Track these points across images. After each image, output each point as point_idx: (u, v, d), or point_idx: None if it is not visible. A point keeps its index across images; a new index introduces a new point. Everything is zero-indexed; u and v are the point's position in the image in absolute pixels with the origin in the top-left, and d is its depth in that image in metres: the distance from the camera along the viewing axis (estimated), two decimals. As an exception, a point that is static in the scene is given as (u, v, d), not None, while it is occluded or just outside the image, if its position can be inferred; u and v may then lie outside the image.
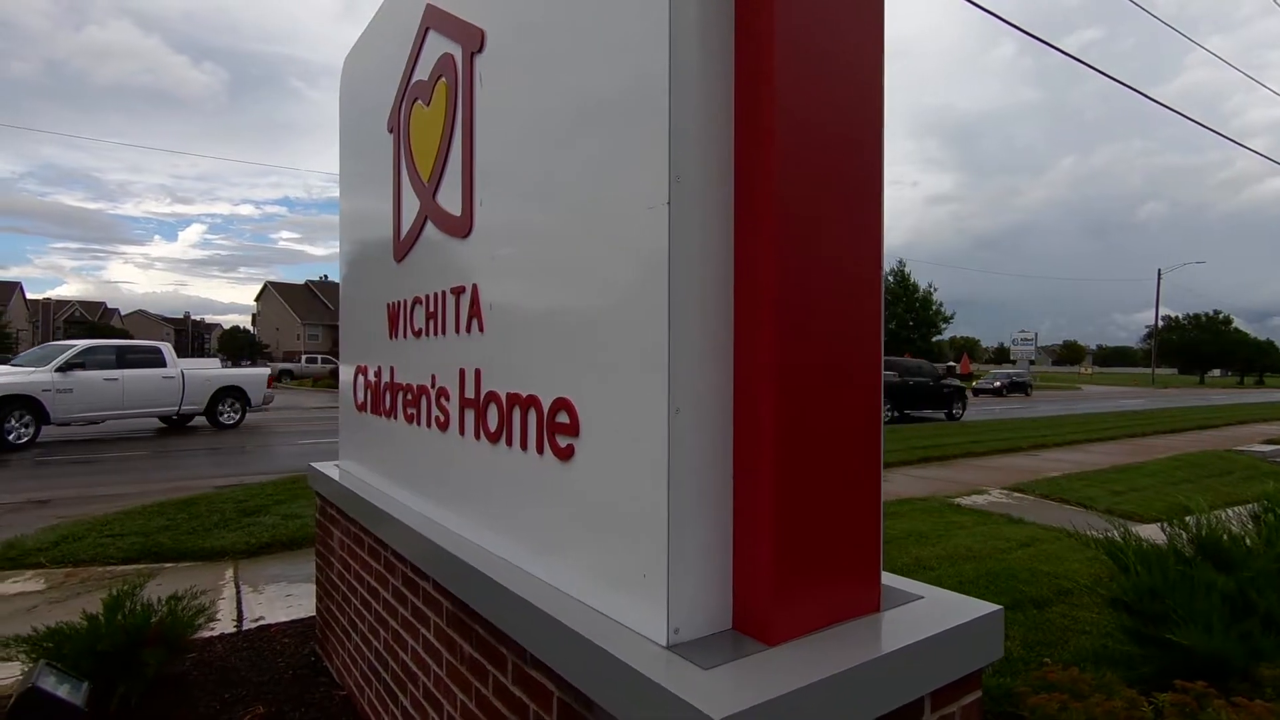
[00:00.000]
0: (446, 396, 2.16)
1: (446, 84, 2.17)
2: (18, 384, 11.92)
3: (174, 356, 14.78)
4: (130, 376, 13.49)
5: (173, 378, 14.32)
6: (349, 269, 3.24)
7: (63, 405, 12.47)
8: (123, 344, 14.46)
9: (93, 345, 13.54)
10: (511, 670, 1.64)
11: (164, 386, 14.23)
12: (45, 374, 12.36)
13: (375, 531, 2.55)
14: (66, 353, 13.01)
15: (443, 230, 2.21)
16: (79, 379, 12.74)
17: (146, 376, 13.80)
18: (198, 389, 14.78)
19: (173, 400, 14.43)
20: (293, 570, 5.21)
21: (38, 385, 12.18)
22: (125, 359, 13.77)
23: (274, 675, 3.28)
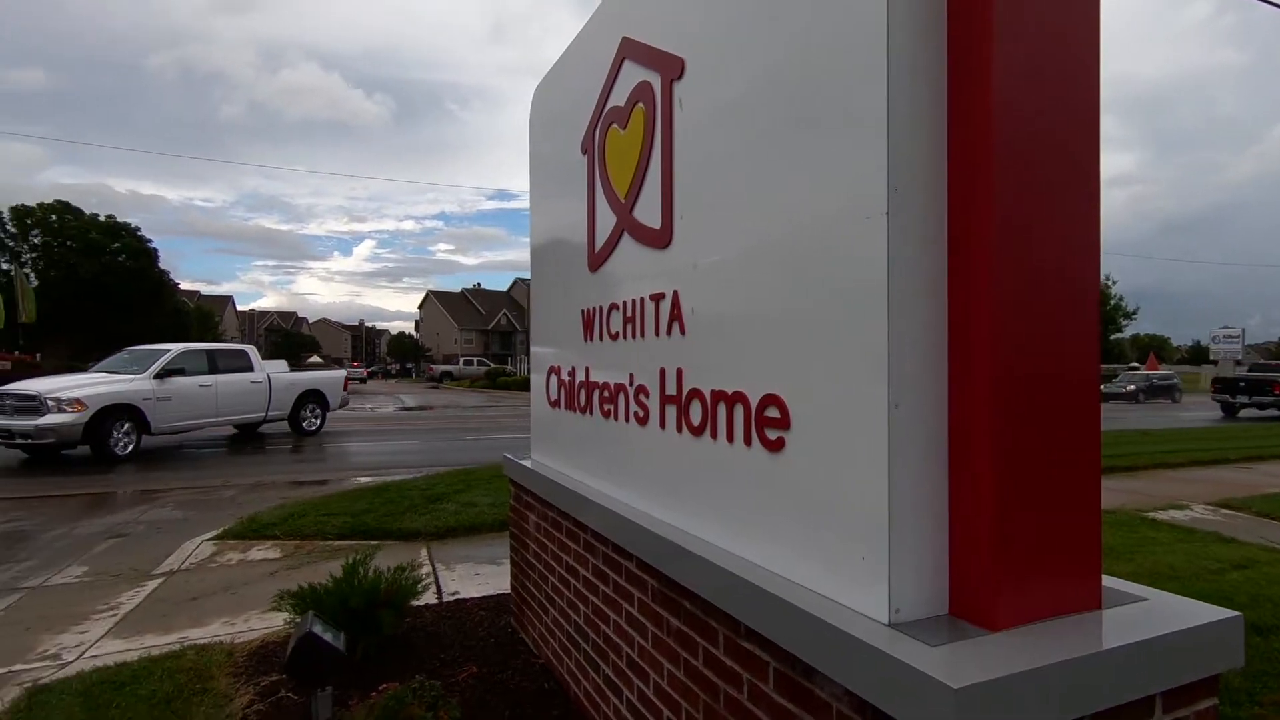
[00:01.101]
0: (646, 394, 2.37)
1: (644, 109, 2.38)
2: (120, 393, 11.14)
3: (260, 360, 14.00)
4: (223, 382, 12.74)
5: (260, 382, 13.55)
6: (541, 279, 3.58)
7: (162, 414, 11.67)
8: (213, 348, 13.47)
9: (186, 349, 12.64)
10: (723, 642, 1.79)
11: (253, 392, 13.42)
12: (145, 381, 11.52)
13: (574, 515, 2.82)
14: (163, 358, 12.06)
15: (640, 242, 2.43)
16: (176, 386, 11.93)
17: (237, 381, 13.05)
18: (283, 393, 14.02)
19: (261, 406, 13.60)
20: (476, 552, 5.74)
21: (139, 394, 11.33)
22: (216, 364, 12.92)
23: (477, 642, 3.69)
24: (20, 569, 5.47)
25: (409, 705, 2.23)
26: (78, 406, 10.53)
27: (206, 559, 5.68)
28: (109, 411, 10.83)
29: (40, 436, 10.31)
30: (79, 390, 10.70)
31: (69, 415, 10.44)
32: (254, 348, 14.27)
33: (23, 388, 10.91)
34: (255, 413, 13.50)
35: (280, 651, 3.65)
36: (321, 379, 15.33)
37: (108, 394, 10.95)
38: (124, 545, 6.20)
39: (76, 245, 40.30)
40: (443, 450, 13.27)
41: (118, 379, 11.48)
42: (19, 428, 10.35)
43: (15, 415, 10.53)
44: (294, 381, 14.35)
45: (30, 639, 4.08)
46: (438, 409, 25.32)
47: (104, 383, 11.22)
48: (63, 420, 10.36)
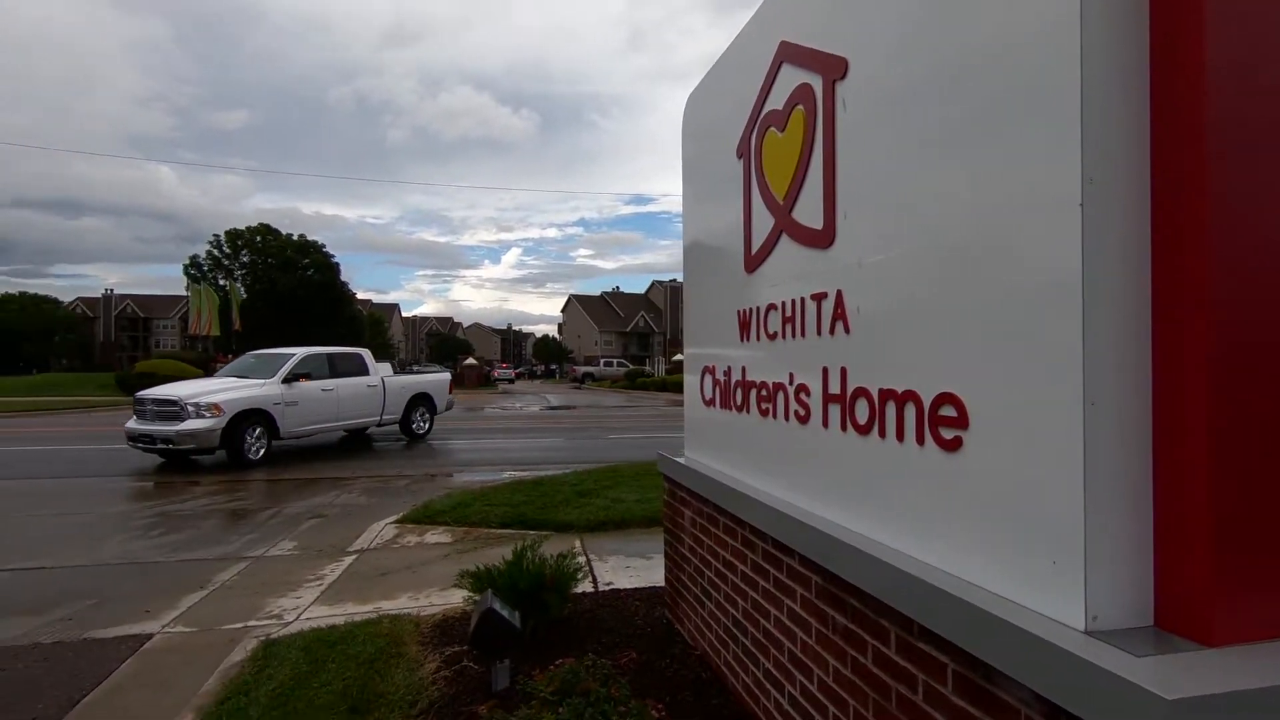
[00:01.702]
0: (807, 393, 2.39)
1: (804, 110, 2.41)
2: (254, 397, 11.07)
3: (374, 363, 13.70)
4: (343, 386, 12.58)
5: (375, 386, 13.28)
6: (695, 282, 3.68)
7: (290, 419, 11.57)
8: (332, 351, 13.15)
9: (310, 354, 12.46)
10: (895, 641, 1.79)
11: (369, 395, 13.16)
12: (275, 386, 11.45)
13: (731, 511, 2.89)
14: (289, 362, 11.93)
15: (799, 242, 2.45)
16: (302, 390, 11.80)
17: (354, 385, 12.83)
18: (395, 397, 13.74)
19: (375, 410, 13.34)
20: (626, 546, 5.96)
21: (269, 398, 11.26)
22: (336, 367, 12.71)
23: (635, 630, 3.86)
24: (245, 541, 6.40)
25: (584, 679, 2.40)
26: (215, 411, 10.45)
27: (390, 540, 6.33)
28: (243, 416, 10.76)
29: (181, 442, 10.24)
30: (216, 395, 10.68)
31: (208, 420, 10.37)
32: (368, 351, 13.99)
33: (163, 393, 10.92)
34: (370, 416, 13.29)
35: (458, 626, 4.02)
36: (429, 382, 15.04)
37: (242, 399, 10.89)
38: (323, 525, 7.06)
39: (275, 262, 46.17)
40: (588, 448, 13.82)
41: (249, 384, 11.41)
42: (160, 433, 10.36)
43: (156, 420, 10.56)
44: (405, 385, 14.16)
45: (258, 601, 4.78)
46: (580, 408, 26.34)
47: (237, 387, 11.19)
48: (202, 426, 10.30)
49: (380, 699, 3.13)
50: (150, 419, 10.66)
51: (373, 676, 3.36)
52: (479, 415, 23.06)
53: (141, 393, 11.20)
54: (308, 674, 3.40)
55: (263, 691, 3.23)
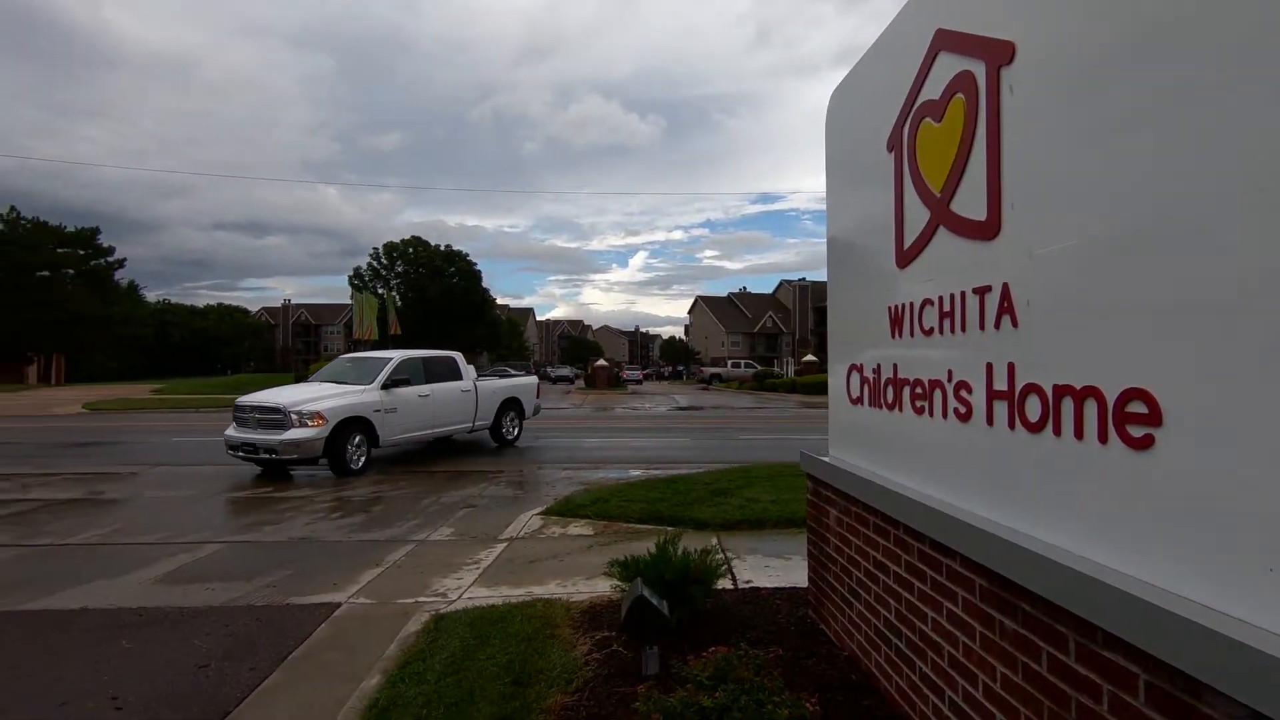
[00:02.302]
0: (968, 390, 2.31)
1: (964, 99, 2.33)
2: (355, 405, 10.47)
3: (466, 366, 13.02)
4: (438, 391, 11.94)
5: (469, 391, 12.59)
6: (840, 279, 3.64)
7: (389, 426, 10.94)
8: (428, 354, 12.54)
9: (407, 357, 11.92)
10: (1074, 648, 1.71)
11: (463, 401, 12.50)
12: (374, 392, 10.86)
13: (882, 511, 2.84)
14: (387, 367, 11.34)
15: (959, 235, 2.38)
16: (399, 397, 11.18)
17: (449, 390, 12.21)
18: (487, 402, 13.05)
19: (469, 415, 12.60)
20: (763, 546, 5.95)
21: (370, 405, 10.67)
22: (431, 372, 12.12)
23: (778, 627, 3.86)
24: (411, 525, 7.02)
25: (736, 668, 2.46)
26: (319, 420, 9.93)
27: (536, 531, 6.71)
28: (345, 425, 10.21)
29: (284, 452, 9.75)
30: (319, 403, 10.14)
31: (311, 430, 9.85)
32: (460, 354, 13.24)
33: (265, 400, 10.40)
34: (464, 422, 12.58)
35: (605, 613, 4.21)
36: (519, 386, 14.41)
37: (345, 406, 10.34)
38: (476, 514, 7.59)
39: (425, 271, 50.03)
40: (718, 449, 13.84)
41: (349, 390, 10.81)
42: (264, 442, 9.87)
43: (259, 429, 10.08)
44: (495, 389, 13.47)
45: (425, 579, 5.24)
46: (708, 409, 26.36)
47: (338, 394, 10.59)
48: (306, 435, 9.79)
49: (540, 674, 3.36)
50: (252, 427, 10.19)
51: (531, 654, 3.61)
52: (609, 415, 23.71)
53: (242, 399, 10.72)
54: (474, 647, 3.71)
55: (437, 660, 3.57)
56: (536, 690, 3.20)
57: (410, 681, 3.34)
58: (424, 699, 3.14)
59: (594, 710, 2.97)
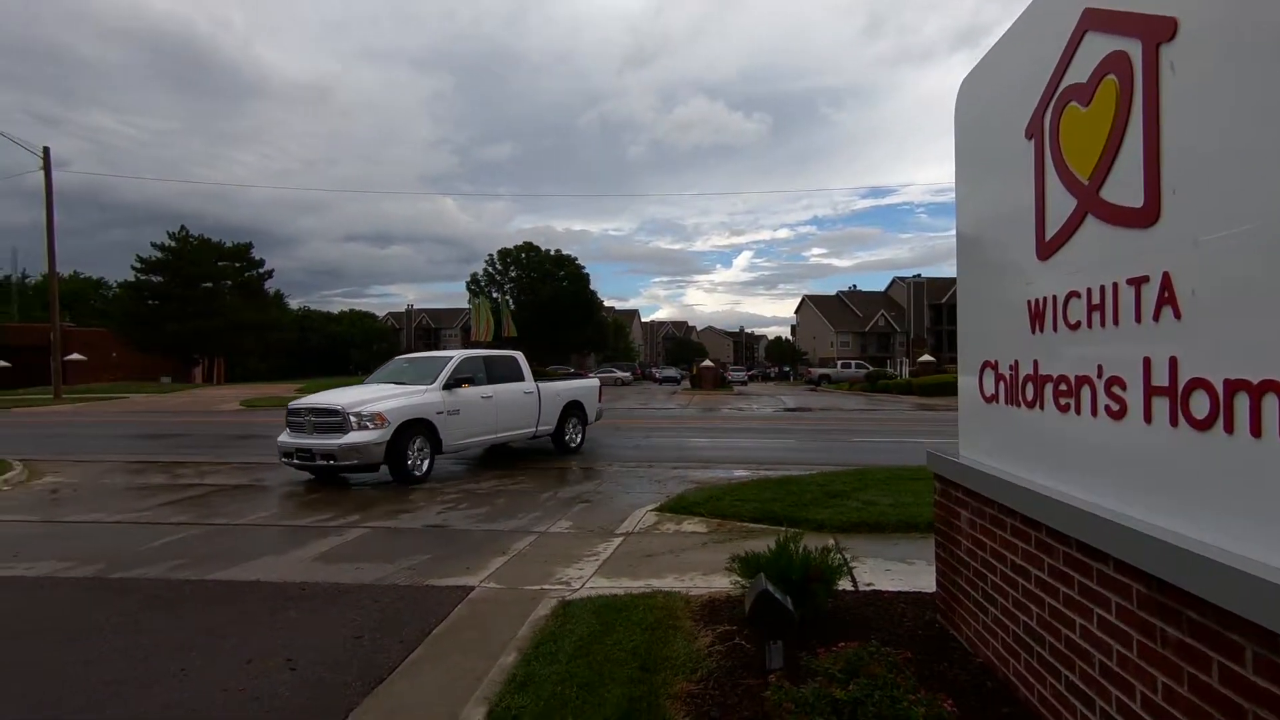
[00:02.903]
0: (1121, 386, 2.20)
1: (1115, 81, 2.22)
2: (417, 406, 9.70)
3: (528, 366, 12.07)
4: (501, 393, 11.05)
5: (531, 393, 11.67)
6: (971, 274, 3.52)
7: (452, 430, 10.10)
8: (489, 354, 11.81)
9: (468, 356, 11.13)
10: (1253, 661, 1.60)
11: (526, 404, 11.57)
12: (436, 393, 10.04)
13: (1023, 512, 2.73)
14: (449, 365, 10.52)
15: (1110, 223, 2.27)
16: (462, 398, 10.34)
17: (512, 392, 11.31)
18: (550, 405, 12.08)
19: (531, 420, 11.67)
20: (883, 549, 5.79)
21: (432, 407, 9.87)
22: (493, 372, 11.23)
23: (904, 630, 3.78)
24: (531, 518, 7.37)
25: (868, 663, 2.45)
26: (380, 422, 9.15)
27: (651, 526, 6.85)
28: (406, 428, 9.41)
29: (344, 457, 8.95)
30: (380, 404, 9.37)
31: (372, 433, 9.07)
32: (520, 354, 12.21)
33: (322, 401, 9.68)
34: (526, 427, 11.62)
35: (725, 607, 4.26)
36: (581, 389, 13.36)
37: (406, 407, 9.57)
38: (591, 509, 7.85)
39: (536, 275, 51.92)
40: (829, 451, 13.53)
41: (410, 391, 10.01)
42: (321, 447, 9.07)
43: (315, 433, 9.30)
44: (559, 392, 12.50)
45: (549, 568, 5.50)
46: (817, 411, 25.74)
47: (399, 395, 9.82)
48: (366, 439, 8.99)
49: (665, 662, 3.47)
50: (308, 431, 9.38)
51: (655, 642, 3.73)
52: (716, 415, 23.67)
53: (296, 402, 9.94)
54: (600, 632, 3.88)
55: (567, 643, 3.76)
56: (662, 677, 3.30)
57: (543, 661, 3.54)
58: (557, 677, 3.33)
59: (719, 699, 3.04)
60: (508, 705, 3.09)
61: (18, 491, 9.03)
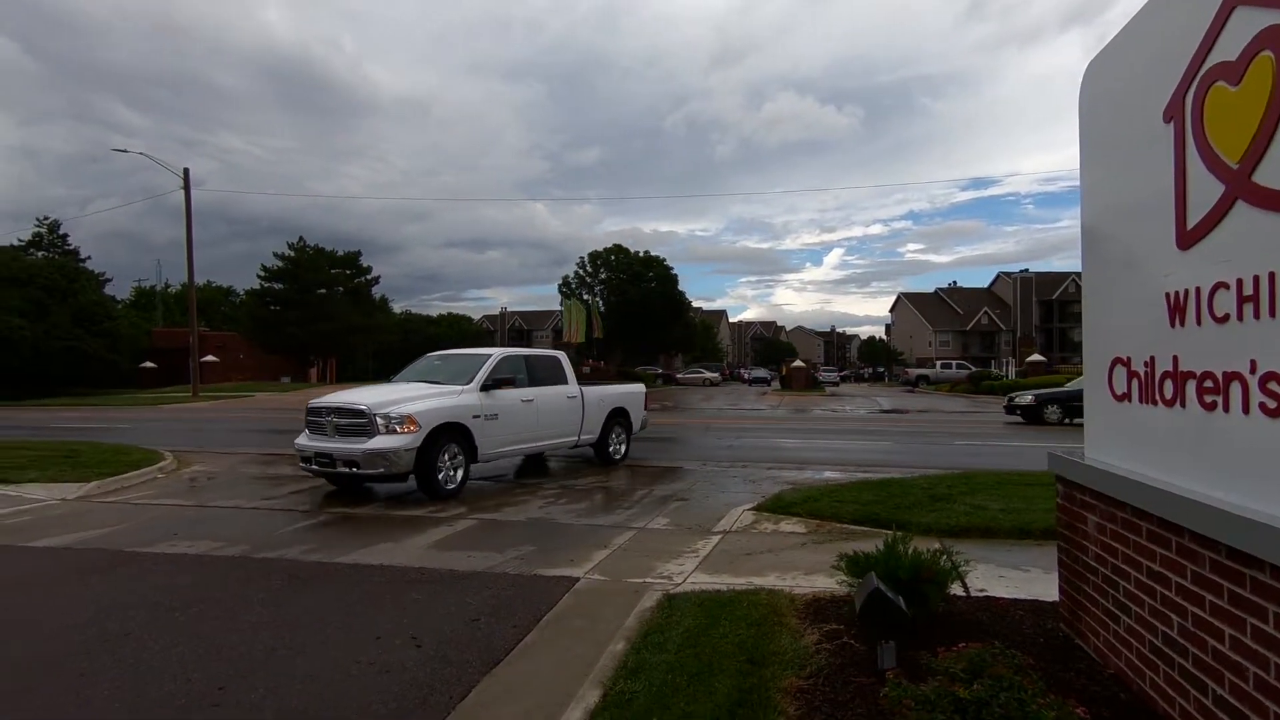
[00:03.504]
0: (1278, 381, 2.06)
1: (1272, 57, 2.08)
2: (452, 408, 8.57)
3: (571, 368, 10.93)
4: (542, 397, 9.89)
5: (575, 398, 10.47)
6: (1099, 266, 3.35)
7: (490, 436, 8.94)
8: (530, 353, 10.69)
9: (508, 354, 9.99)
10: None
11: (570, 410, 10.38)
12: (473, 394, 8.89)
13: (1161, 516, 2.59)
14: (487, 364, 9.35)
15: (1265, 209, 2.13)
16: (503, 401, 9.18)
17: (554, 396, 10.16)
18: (594, 411, 10.84)
19: (574, 427, 10.47)
20: (994, 555, 5.55)
21: (468, 410, 8.73)
22: (535, 373, 10.07)
23: (1024, 638, 3.63)
24: (629, 514, 7.52)
25: (992, 664, 2.40)
26: (410, 426, 8.03)
27: (748, 525, 6.85)
28: (439, 433, 8.30)
29: (368, 465, 7.88)
30: (410, 404, 8.29)
31: (401, 437, 7.96)
32: (563, 354, 11.14)
33: (346, 400, 8.56)
34: (568, 436, 10.41)
35: (830, 607, 4.23)
36: (626, 394, 11.90)
37: (441, 410, 8.44)
38: (686, 507, 7.93)
39: (625, 277, 52.57)
40: (929, 453, 13.04)
41: (443, 390, 8.86)
42: (344, 453, 8.00)
43: (338, 436, 8.25)
44: (603, 397, 11.19)
45: (650, 562, 5.62)
46: (914, 413, 24.79)
47: (432, 395, 8.68)
48: (394, 444, 7.89)
49: (772, 657, 3.49)
50: (329, 434, 8.35)
51: (761, 638, 3.76)
52: (807, 416, 23.23)
53: (317, 400, 8.84)
54: (706, 625, 3.94)
55: (674, 633, 3.85)
56: (771, 671, 3.33)
57: (652, 650, 3.65)
58: (667, 666, 3.42)
59: (830, 696, 3.04)
60: (621, 689, 3.21)
61: (170, 479, 10.04)
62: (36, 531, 6.85)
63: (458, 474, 8.52)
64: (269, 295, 51.09)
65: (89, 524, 7.12)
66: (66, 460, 10.54)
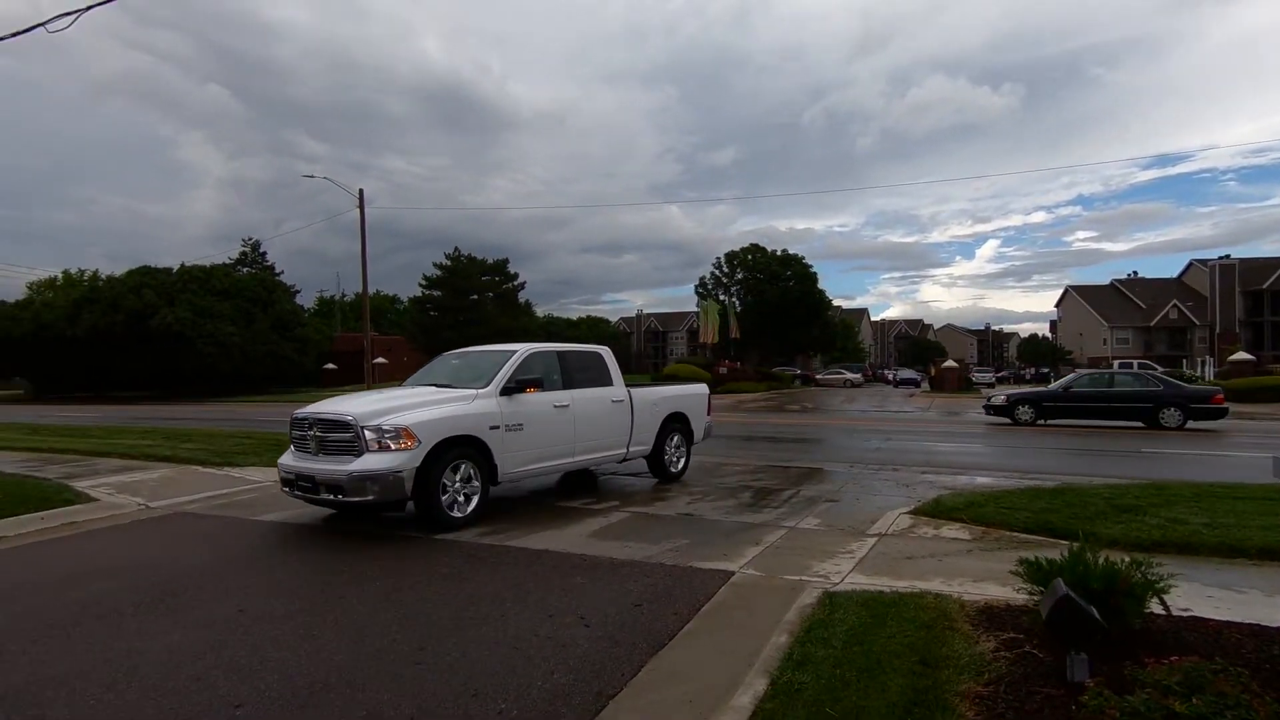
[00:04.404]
0: None
1: None
2: (460, 416, 6.88)
3: (616, 367, 9.12)
4: (580, 401, 8.19)
5: (621, 401, 8.81)
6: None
7: (513, 450, 7.28)
8: (565, 348, 8.69)
9: (536, 351, 8.15)
10: None
11: (614, 416, 8.70)
12: (490, 400, 7.19)
13: None
14: (510, 362, 7.67)
15: None
16: (529, 407, 7.55)
17: (595, 400, 8.46)
18: (646, 417, 9.15)
19: (622, 437, 8.82)
20: (1197, 574, 4.98)
21: (484, 418, 7.04)
22: (570, 373, 8.36)
23: (1244, 663, 3.25)
24: (778, 513, 7.49)
25: (1213, 681, 2.20)
26: (406, 441, 6.36)
27: (906, 529, 6.61)
28: (444, 448, 6.62)
29: (355, 492, 6.23)
30: (406, 414, 6.59)
31: (395, 455, 6.31)
32: (608, 350, 9.30)
33: (330, 410, 6.93)
34: (614, 448, 8.74)
35: (1006, 616, 4.02)
36: (685, 396, 10.13)
37: (446, 420, 6.74)
38: (837, 508, 7.76)
39: (763, 276, 51.91)
40: (1108, 461, 11.84)
41: (454, 396, 7.22)
42: (326, 475, 6.42)
43: (321, 455, 6.70)
44: (656, 401, 9.42)
45: (804, 561, 5.59)
46: (1091, 417, 22.45)
47: (437, 402, 7.02)
48: (386, 464, 6.25)
49: (946, 661, 3.39)
50: (312, 451, 6.82)
51: (932, 641, 3.65)
52: (961, 420, 21.78)
53: (301, 410, 7.16)
54: (872, 624, 3.89)
55: (838, 630, 3.83)
56: (945, 674, 3.24)
57: (817, 644, 3.66)
58: (833, 660, 3.42)
59: (1014, 704, 2.91)
60: (789, 679, 3.26)
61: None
62: (260, 508, 7.98)
63: (471, 500, 6.86)
64: (428, 302, 55.57)
65: (299, 503, 8.18)
66: (277, 448, 12.13)
